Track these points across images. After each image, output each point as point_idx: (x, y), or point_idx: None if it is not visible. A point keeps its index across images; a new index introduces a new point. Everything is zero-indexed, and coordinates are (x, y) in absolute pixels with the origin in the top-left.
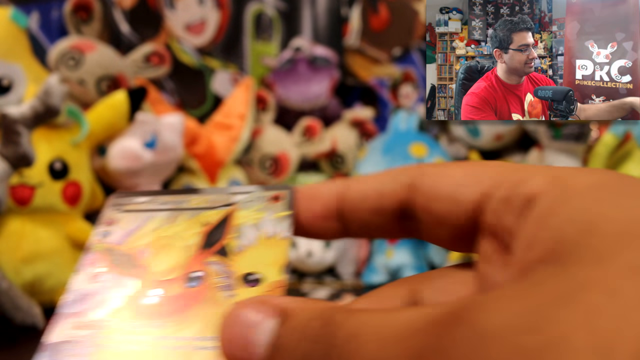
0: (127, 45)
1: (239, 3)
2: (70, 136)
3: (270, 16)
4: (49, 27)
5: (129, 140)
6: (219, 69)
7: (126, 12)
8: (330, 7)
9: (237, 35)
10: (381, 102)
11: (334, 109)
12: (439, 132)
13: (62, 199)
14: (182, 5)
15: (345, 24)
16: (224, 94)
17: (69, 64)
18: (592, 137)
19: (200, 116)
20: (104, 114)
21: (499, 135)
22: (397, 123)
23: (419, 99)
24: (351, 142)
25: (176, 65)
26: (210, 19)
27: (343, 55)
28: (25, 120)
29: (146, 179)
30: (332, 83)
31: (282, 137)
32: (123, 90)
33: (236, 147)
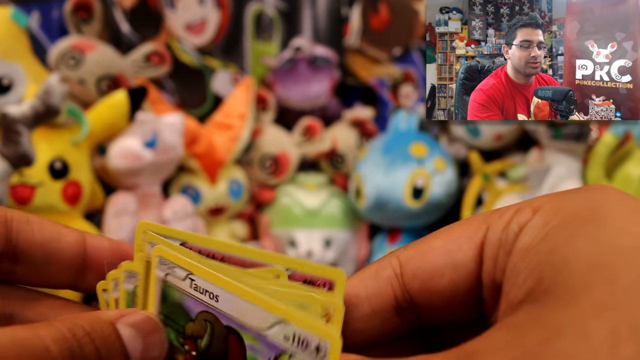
0: (127, 45)
1: (239, 3)
2: (70, 136)
3: (271, 16)
4: (49, 26)
5: (129, 139)
6: (219, 69)
7: (126, 12)
8: (330, 7)
9: (238, 35)
10: (381, 102)
11: (334, 109)
12: (439, 132)
13: (62, 198)
14: (182, 5)
15: (345, 24)
16: (224, 93)
17: (69, 64)
18: (592, 137)
19: (200, 116)
20: (104, 114)
21: (499, 135)
22: (397, 123)
23: (419, 99)
24: (351, 142)
25: (176, 65)
26: (211, 19)
27: (343, 55)
28: (25, 120)
29: (146, 179)
30: (332, 83)
31: (282, 136)
32: (123, 90)
33: (236, 146)
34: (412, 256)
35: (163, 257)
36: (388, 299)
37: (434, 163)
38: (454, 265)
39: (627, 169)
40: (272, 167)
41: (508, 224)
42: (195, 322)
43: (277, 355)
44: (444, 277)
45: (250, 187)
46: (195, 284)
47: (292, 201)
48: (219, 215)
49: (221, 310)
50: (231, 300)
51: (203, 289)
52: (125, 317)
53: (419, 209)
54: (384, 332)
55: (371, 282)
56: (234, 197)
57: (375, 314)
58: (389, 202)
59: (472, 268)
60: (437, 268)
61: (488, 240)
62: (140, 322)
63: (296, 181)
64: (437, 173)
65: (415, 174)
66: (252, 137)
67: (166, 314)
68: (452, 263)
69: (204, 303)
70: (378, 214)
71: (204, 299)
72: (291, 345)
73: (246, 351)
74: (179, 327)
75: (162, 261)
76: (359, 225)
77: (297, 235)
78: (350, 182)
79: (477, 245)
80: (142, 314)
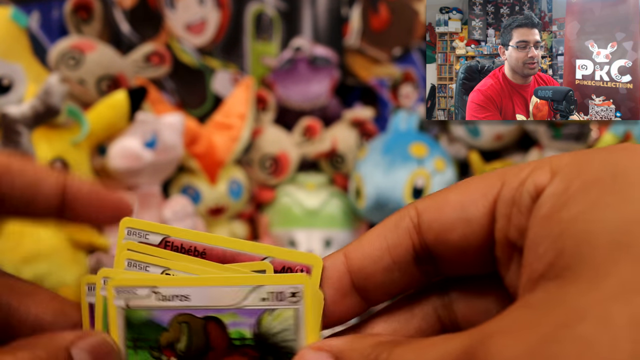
0: (127, 45)
1: (239, 3)
2: (70, 136)
3: (271, 16)
4: (49, 26)
5: (129, 140)
6: (219, 69)
7: (126, 12)
8: (330, 7)
9: (238, 35)
10: (381, 102)
11: (334, 109)
12: (439, 132)
13: None
14: (182, 5)
15: (345, 24)
16: (224, 93)
17: (69, 64)
18: (592, 137)
19: (200, 116)
20: (104, 114)
21: (499, 135)
22: (397, 123)
23: (419, 99)
24: (351, 142)
25: (176, 65)
26: (211, 19)
27: (343, 55)
28: (25, 120)
29: (146, 179)
30: (332, 83)
31: (282, 137)
32: (123, 90)
33: (236, 146)
34: (428, 207)
35: (120, 285)
36: (407, 249)
37: (434, 163)
38: (466, 219)
39: None
40: (272, 167)
41: (523, 183)
42: (170, 329)
43: (259, 317)
44: (456, 230)
45: (250, 187)
46: (161, 295)
47: (292, 201)
48: (219, 216)
49: (195, 306)
50: (202, 293)
51: (171, 296)
52: (81, 341)
53: None
54: (404, 284)
55: (390, 233)
56: (234, 197)
57: (396, 265)
58: (389, 202)
59: (485, 223)
60: (449, 221)
61: (502, 197)
62: (96, 346)
63: (296, 181)
64: (437, 173)
65: (415, 174)
66: (252, 137)
67: (135, 337)
68: (465, 217)
69: (175, 308)
70: (378, 214)
71: (173, 304)
72: (270, 303)
73: (228, 330)
74: (153, 343)
75: (119, 290)
76: (359, 225)
77: (297, 235)
78: (350, 182)
79: (490, 202)
80: (98, 337)
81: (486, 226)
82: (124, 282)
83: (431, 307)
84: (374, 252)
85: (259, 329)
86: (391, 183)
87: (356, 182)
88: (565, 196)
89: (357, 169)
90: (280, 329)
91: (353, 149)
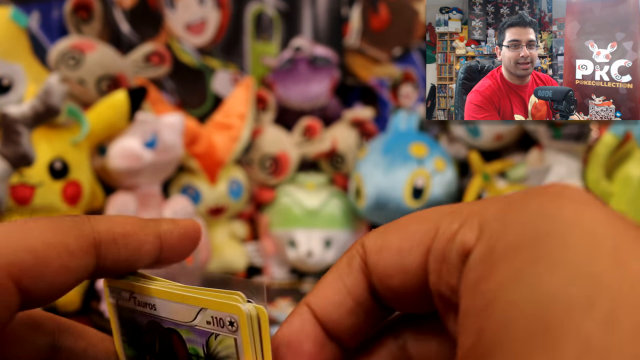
0: (127, 45)
1: (239, 3)
2: (70, 136)
3: (271, 16)
4: (49, 26)
5: (129, 139)
6: (219, 69)
7: (126, 12)
8: (330, 7)
9: (238, 35)
10: (381, 102)
11: (334, 109)
12: (439, 132)
13: (62, 198)
14: (182, 5)
15: (345, 24)
16: (224, 93)
17: (69, 64)
18: (592, 137)
19: (200, 116)
20: (104, 114)
21: (499, 135)
22: (397, 123)
23: (419, 99)
24: (351, 142)
25: (176, 65)
26: (211, 19)
27: (343, 55)
28: (25, 120)
29: (146, 179)
30: (332, 83)
31: (282, 136)
32: (123, 90)
33: (236, 146)
34: (372, 248)
35: (112, 285)
36: (365, 288)
37: (434, 163)
38: (403, 268)
39: (627, 169)
40: (272, 167)
41: (453, 237)
42: (146, 333)
43: (207, 339)
44: (395, 277)
45: (250, 187)
46: (137, 300)
47: (292, 201)
48: (219, 216)
49: (160, 316)
50: (164, 305)
51: (144, 303)
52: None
53: (419, 209)
54: (372, 321)
55: (346, 275)
56: (234, 197)
57: (358, 306)
58: (389, 202)
59: (420, 274)
60: (390, 267)
61: (433, 250)
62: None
63: (296, 181)
64: (437, 173)
65: (415, 174)
66: (252, 137)
67: (127, 334)
68: (402, 266)
69: (148, 314)
70: (378, 214)
71: (146, 311)
72: (213, 327)
73: (187, 345)
74: (138, 342)
75: (111, 289)
76: (359, 225)
77: (297, 235)
78: (350, 182)
79: (423, 253)
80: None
81: (421, 277)
82: (113, 283)
83: (387, 351)
84: (334, 296)
85: (208, 350)
86: (391, 183)
87: (356, 182)
88: (489, 263)
89: (357, 169)
90: (224, 354)
91: (353, 149)
